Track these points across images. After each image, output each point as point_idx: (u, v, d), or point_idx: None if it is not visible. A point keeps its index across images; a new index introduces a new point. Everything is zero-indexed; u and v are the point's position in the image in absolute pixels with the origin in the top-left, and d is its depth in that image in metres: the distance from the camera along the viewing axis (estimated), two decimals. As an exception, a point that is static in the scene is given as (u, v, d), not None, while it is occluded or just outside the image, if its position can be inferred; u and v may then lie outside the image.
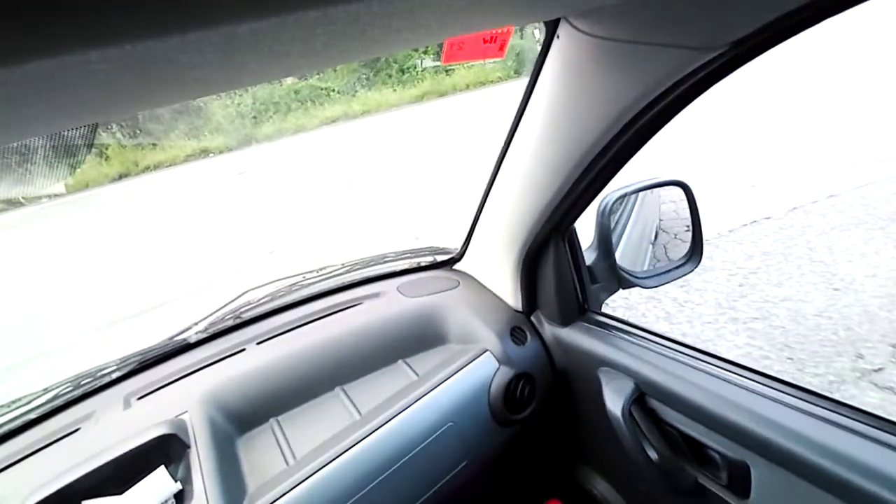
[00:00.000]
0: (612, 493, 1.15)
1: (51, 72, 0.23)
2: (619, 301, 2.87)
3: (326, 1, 0.26)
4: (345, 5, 0.27)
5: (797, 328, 2.47)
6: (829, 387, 2.08)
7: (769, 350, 2.36)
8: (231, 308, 1.15)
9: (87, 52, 0.23)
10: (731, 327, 2.57)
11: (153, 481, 0.80)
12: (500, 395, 1.02)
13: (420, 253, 1.37)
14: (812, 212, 3.57)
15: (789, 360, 2.28)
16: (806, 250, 3.12)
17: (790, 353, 2.32)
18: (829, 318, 2.50)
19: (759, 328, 2.52)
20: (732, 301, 2.77)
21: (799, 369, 2.21)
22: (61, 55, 0.22)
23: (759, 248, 3.25)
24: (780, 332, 2.46)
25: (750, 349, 2.39)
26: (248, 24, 0.26)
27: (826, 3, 0.46)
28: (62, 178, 0.57)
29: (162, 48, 0.25)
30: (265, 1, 0.24)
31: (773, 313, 2.62)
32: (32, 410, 0.94)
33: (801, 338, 2.40)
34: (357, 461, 0.85)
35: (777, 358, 2.30)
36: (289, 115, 10.89)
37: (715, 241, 3.39)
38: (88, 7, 0.20)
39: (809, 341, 2.37)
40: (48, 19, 0.20)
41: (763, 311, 2.64)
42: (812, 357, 2.27)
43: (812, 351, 2.30)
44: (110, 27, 0.22)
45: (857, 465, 0.61)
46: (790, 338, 2.41)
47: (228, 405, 0.94)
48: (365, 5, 0.28)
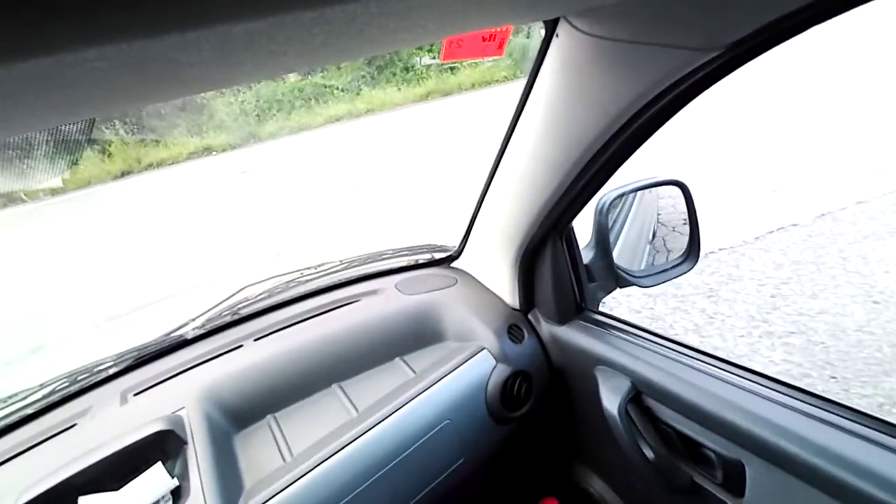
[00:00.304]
0: (608, 491, 1.15)
1: (48, 69, 0.23)
2: (644, 312, 2.80)
3: (323, 2, 0.26)
4: (341, 6, 0.27)
5: (838, 344, 2.33)
6: (879, 410, 1.95)
7: (809, 368, 2.22)
8: (228, 304, 1.16)
9: (84, 51, 0.23)
10: (766, 342, 2.43)
11: (150, 477, 0.80)
12: (496, 393, 1.02)
13: (418, 250, 1.37)
14: (841, 219, 3.43)
15: (833, 379, 2.15)
16: (839, 260, 2.99)
17: (833, 371, 2.18)
18: (872, 333, 2.36)
19: (796, 343, 2.39)
20: (765, 313, 2.64)
21: (844, 389, 2.08)
22: (59, 53, 0.22)
23: (789, 256, 3.12)
24: (821, 349, 2.32)
25: (788, 366, 2.26)
26: (244, 24, 0.26)
27: (824, 5, 0.46)
28: (61, 172, 0.58)
29: (159, 47, 0.25)
30: (262, 1, 0.24)
31: (810, 327, 2.48)
32: (29, 406, 0.95)
33: (843, 355, 2.26)
34: (354, 458, 0.85)
35: (819, 377, 2.17)
36: (293, 113, 10.87)
37: (741, 249, 3.25)
38: (86, 6, 0.20)
39: (853, 359, 2.23)
40: (46, 18, 0.20)
41: (799, 325, 2.51)
42: (857, 376, 2.13)
43: (857, 370, 2.17)
44: (108, 26, 0.22)
45: (850, 464, 0.61)
46: (831, 355, 2.27)
47: (225, 401, 0.95)
48: (362, 6, 0.28)
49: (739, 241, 3.35)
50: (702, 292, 2.90)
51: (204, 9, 0.23)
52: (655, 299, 2.88)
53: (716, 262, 3.16)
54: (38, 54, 0.22)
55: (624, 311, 2.83)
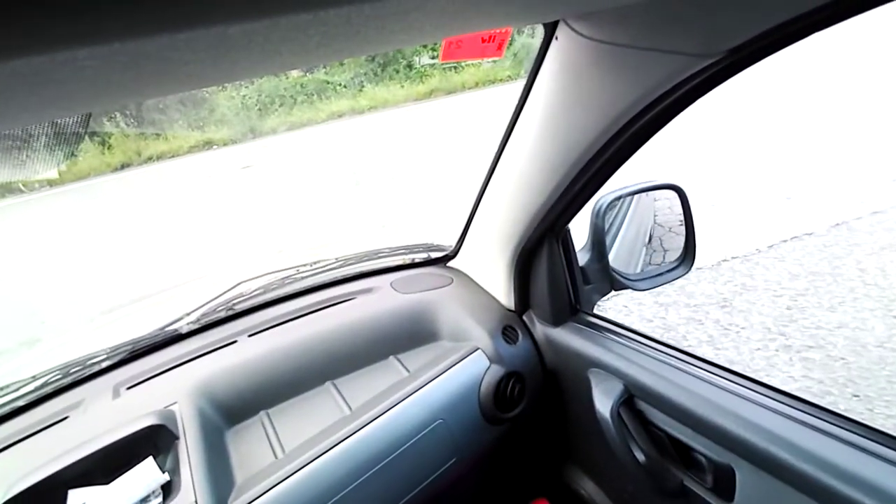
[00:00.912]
0: (599, 493, 1.16)
1: (39, 67, 0.23)
2: (657, 321, 2.73)
3: (317, 4, 0.26)
4: (336, 8, 0.27)
5: (859, 360, 2.25)
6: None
7: (830, 385, 2.14)
8: (223, 299, 1.15)
9: (75, 50, 0.23)
10: (783, 356, 2.35)
11: (141, 472, 0.80)
12: (490, 394, 1.03)
13: (414, 249, 1.37)
14: (857, 229, 3.35)
15: (856, 397, 2.07)
16: (857, 271, 2.90)
17: (855, 388, 2.10)
18: (894, 349, 2.29)
19: (815, 358, 2.30)
20: (782, 326, 2.56)
21: (868, 409, 2.01)
22: (50, 53, 0.22)
23: (805, 267, 3.03)
24: (841, 365, 2.24)
25: (808, 382, 2.18)
26: (239, 25, 0.25)
27: (823, 14, 0.46)
28: (59, 164, 0.57)
29: (152, 46, 0.25)
30: (257, 3, 0.24)
31: (829, 342, 2.39)
32: (21, 398, 0.94)
33: (864, 371, 2.18)
34: (346, 456, 0.85)
35: (841, 394, 2.09)
36: (294, 108, 10.85)
37: (754, 258, 3.17)
38: (77, 6, 0.20)
39: (875, 376, 2.14)
40: (36, 18, 0.20)
41: (818, 339, 2.42)
42: (881, 395, 2.05)
43: (880, 388, 2.08)
44: (98, 26, 0.22)
45: (839, 471, 0.61)
46: (853, 371, 2.19)
47: (218, 397, 0.95)
48: (356, 8, 0.28)
49: (753, 249, 3.26)
50: (715, 302, 2.83)
51: (198, 10, 0.23)
52: (667, 309, 2.82)
53: (729, 271, 3.09)
54: (29, 53, 0.22)
55: (636, 320, 2.77)
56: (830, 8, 0.45)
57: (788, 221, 3.60)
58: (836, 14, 0.45)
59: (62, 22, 0.21)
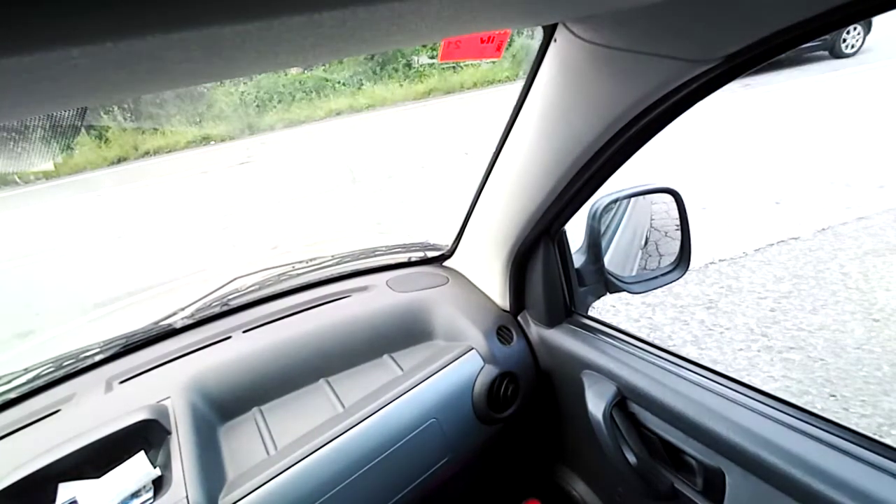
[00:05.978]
0: (590, 494, 1.16)
1: (31, 65, 0.23)
2: (643, 321, 2.78)
3: (311, 7, 0.26)
4: (329, 11, 0.27)
5: (837, 361, 2.32)
6: (878, 430, 1.95)
7: (809, 384, 2.21)
8: (219, 295, 1.15)
9: (67, 49, 0.23)
10: (765, 356, 2.41)
11: (132, 466, 0.80)
12: (483, 394, 1.03)
13: (411, 248, 1.37)
14: (843, 234, 3.42)
15: (832, 397, 2.13)
16: (839, 275, 2.97)
17: (832, 388, 2.17)
18: (871, 351, 2.36)
19: (796, 359, 2.37)
20: (765, 327, 2.63)
21: (844, 408, 2.07)
22: (42, 52, 0.22)
23: (789, 270, 3.09)
24: (820, 365, 2.31)
25: (788, 382, 2.24)
26: (231, 27, 0.26)
27: (818, 22, 0.46)
28: (54, 156, 0.57)
29: (144, 46, 0.25)
30: (250, 5, 0.24)
31: (809, 343, 2.46)
32: (12, 390, 0.94)
33: (842, 372, 2.25)
34: (338, 454, 0.85)
35: (819, 394, 2.15)
36: (293, 105, 10.82)
37: (741, 261, 3.23)
38: (69, 6, 0.20)
39: (852, 377, 2.22)
40: (27, 17, 0.20)
41: (798, 341, 2.49)
42: (857, 395, 2.12)
43: (856, 388, 2.15)
44: (90, 27, 0.22)
45: (828, 476, 0.61)
46: (831, 372, 2.26)
47: (211, 392, 0.94)
48: (350, 11, 0.28)
49: (740, 252, 3.33)
50: (701, 303, 2.88)
51: (190, 12, 0.23)
52: (654, 309, 2.87)
53: (716, 273, 3.14)
54: (20, 53, 0.22)
55: (622, 320, 2.81)
56: (825, 17, 0.45)
57: (776, 225, 3.66)
58: (831, 23, 0.46)
59: (54, 21, 0.21)
